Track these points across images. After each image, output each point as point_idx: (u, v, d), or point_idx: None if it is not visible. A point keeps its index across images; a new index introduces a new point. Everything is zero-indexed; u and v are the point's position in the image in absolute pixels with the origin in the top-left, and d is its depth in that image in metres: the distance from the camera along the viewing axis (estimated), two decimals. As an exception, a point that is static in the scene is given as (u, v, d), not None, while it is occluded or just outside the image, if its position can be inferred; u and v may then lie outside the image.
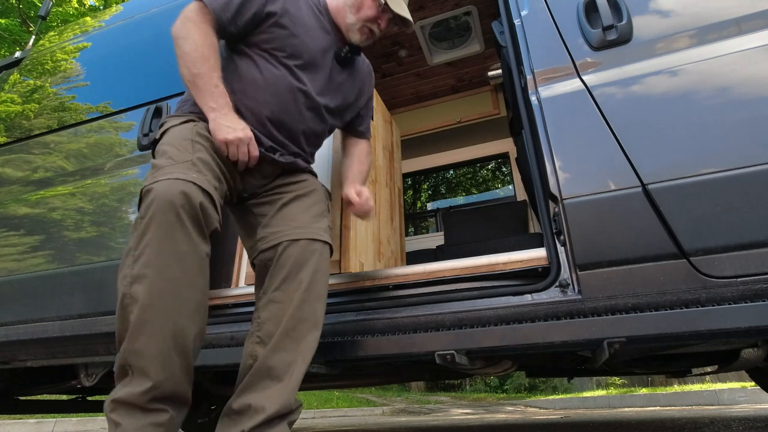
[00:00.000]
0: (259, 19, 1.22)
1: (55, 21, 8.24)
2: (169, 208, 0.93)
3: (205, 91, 1.11)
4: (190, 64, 1.12)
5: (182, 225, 0.93)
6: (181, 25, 1.15)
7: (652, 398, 5.13)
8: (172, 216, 0.93)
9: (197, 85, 1.12)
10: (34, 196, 1.82)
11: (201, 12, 1.16)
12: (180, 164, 1.03)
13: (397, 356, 1.19)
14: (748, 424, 2.05)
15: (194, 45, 1.12)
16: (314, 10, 1.31)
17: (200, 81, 1.11)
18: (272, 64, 1.22)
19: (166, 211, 0.93)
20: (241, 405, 0.99)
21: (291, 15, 1.24)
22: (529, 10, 1.36)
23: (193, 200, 0.96)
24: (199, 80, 1.11)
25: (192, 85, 1.13)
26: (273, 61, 1.22)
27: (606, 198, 1.08)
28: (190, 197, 0.95)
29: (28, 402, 2.06)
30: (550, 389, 9.17)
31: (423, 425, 3.10)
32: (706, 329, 0.96)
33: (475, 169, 4.75)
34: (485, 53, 3.12)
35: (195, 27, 1.14)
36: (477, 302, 1.16)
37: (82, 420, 3.54)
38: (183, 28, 1.15)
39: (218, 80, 1.13)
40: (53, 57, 2.36)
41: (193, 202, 0.95)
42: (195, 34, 1.13)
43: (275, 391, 0.99)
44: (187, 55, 1.12)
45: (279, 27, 1.23)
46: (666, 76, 1.14)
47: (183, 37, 1.14)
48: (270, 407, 0.97)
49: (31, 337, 1.51)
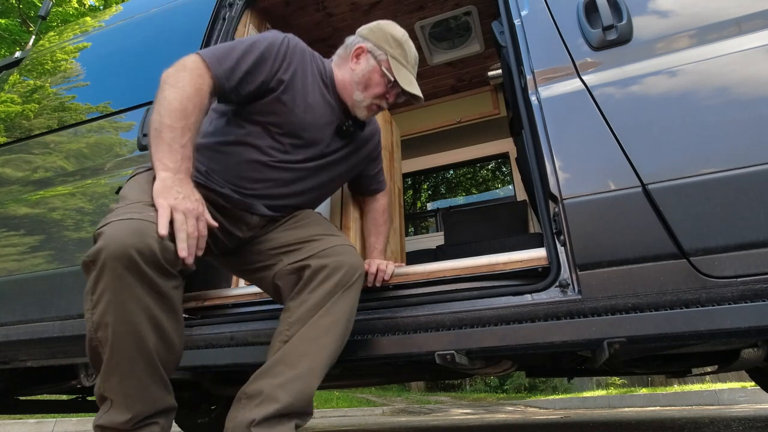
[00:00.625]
0: (264, 90, 1.12)
1: (55, 21, 8.24)
2: (120, 253, 0.83)
3: (168, 145, 0.94)
4: (166, 112, 0.96)
5: (136, 269, 0.84)
6: (174, 72, 1.02)
7: (652, 398, 5.13)
8: (124, 261, 0.83)
9: (162, 136, 0.95)
10: (34, 196, 1.82)
11: (200, 69, 1.03)
12: (135, 204, 0.93)
13: (397, 356, 1.19)
14: (748, 424, 2.05)
15: (179, 96, 0.98)
16: (320, 80, 1.24)
17: (168, 134, 0.95)
18: (263, 139, 1.15)
19: (117, 257, 0.83)
20: (254, 390, 0.99)
21: (295, 89, 1.16)
22: (529, 10, 1.36)
23: (148, 240, 0.85)
24: (167, 133, 0.95)
25: (156, 135, 0.95)
26: (265, 135, 1.15)
27: (606, 198, 1.08)
28: (144, 237, 0.85)
29: (28, 402, 2.06)
30: (550, 389, 9.16)
31: (423, 425, 3.10)
32: (706, 329, 0.96)
33: (475, 169, 4.75)
34: (485, 53, 3.11)
35: (189, 79, 1.01)
36: (477, 302, 1.16)
37: (82, 420, 3.54)
38: (175, 76, 1.01)
39: (189, 142, 0.97)
40: (53, 57, 2.36)
41: (148, 242, 0.85)
42: (186, 86, 0.99)
43: (288, 378, 0.98)
44: (167, 102, 0.97)
45: (280, 103, 1.14)
46: (666, 76, 1.14)
47: (171, 84, 0.99)
48: (283, 398, 0.96)
49: (31, 337, 1.51)
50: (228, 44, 1.12)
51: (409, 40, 1.29)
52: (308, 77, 1.20)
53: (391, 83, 1.24)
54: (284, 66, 1.14)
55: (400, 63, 1.24)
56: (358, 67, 1.25)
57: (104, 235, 0.85)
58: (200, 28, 1.90)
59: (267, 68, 1.12)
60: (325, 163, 1.26)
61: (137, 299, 0.86)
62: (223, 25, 1.93)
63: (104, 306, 0.85)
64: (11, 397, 1.94)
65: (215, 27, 1.92)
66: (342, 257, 1.12)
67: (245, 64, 1.08)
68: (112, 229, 0.86)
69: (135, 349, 0.88)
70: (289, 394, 0.97)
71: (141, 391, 0.90)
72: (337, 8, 2.59)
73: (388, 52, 1.24)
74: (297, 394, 0.98)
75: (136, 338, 0.87)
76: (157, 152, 0.95)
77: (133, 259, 0.84)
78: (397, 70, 1.23)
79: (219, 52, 1.08)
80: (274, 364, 1.01)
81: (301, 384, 0.99)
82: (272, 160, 1.16)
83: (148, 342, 0.89)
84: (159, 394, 0.93)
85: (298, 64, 1.17)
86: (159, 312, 0.90)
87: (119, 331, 0.86)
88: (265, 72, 1.11)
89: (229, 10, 1.98)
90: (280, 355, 1.02)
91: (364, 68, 1.24)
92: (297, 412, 0.99)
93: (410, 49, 1.29)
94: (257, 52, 1.10)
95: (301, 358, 1.01)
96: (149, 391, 0.91)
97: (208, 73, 1.03)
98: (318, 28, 2.74)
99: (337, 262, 1.10)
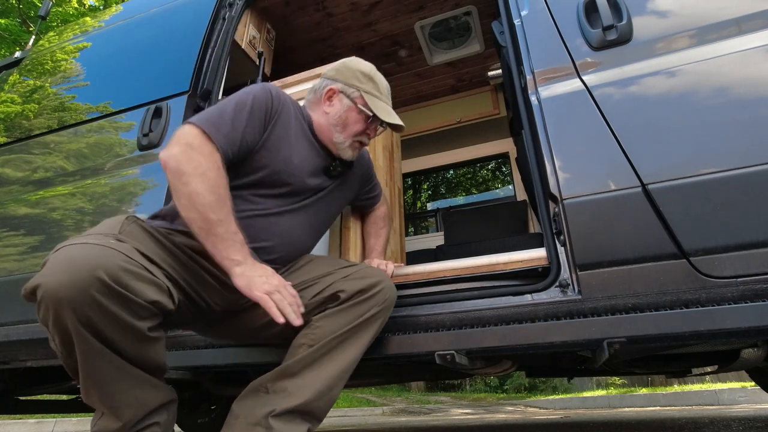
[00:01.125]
0: (257, 145, 1.10)
1: (55, 21, 8.24)
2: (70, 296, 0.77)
3: (226, 240, 0.94)
4: (206, 208, 0.93)
5: (99, 310, 0.78)
6: (185, 156, 0.95)
7: (652, 398, 5.13)
8: (77, 308, 0.77)
9: (215, 232, 0.94)
10: (34, 196, 1.82)
11: (207, 145, 0.99)
12: (96, 235, 0.87)
13: (397, 356, 1.19)
14: (748, 424, 2.05)
15: (209, 186, 0.94)
16: (303, 126, 1.22)
17: (220, 229, 0.94)
18: (255, 191, 1.12)
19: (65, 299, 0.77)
20: (278, 386, 0.99)
21: (284, 139, 1.14)
22: (529, 10, 1.36)
23: (111, 270, 0.79)
24: (218, 228, 0.94)
25: (207, 232, 0.94)
26: (258, 188, 1.12)
27: (606, 198, 1.08)
28: (106, 265, 0.79)
29: (28, 402, 2.06)
30: (550, 389, 9.16)
31: (423, 425, 3.10)
32: (706, 329, 0.96)
33: (475, 169, 4.75)
34: (485, 53, 3.11)
35: (207, 163, 0.96)
36: (477, 302, 1.16)
37: (82, 420, 3.54)
38: (190, 161, 0.95)
39: (237, 226, 0.97)
40: (53, 57, 2.36)
41: (112, 272, 0.79)
42: (208, 171, 0.95)
43: (311, 379, 1.00)
44: (200, 197, 0.93)
45: (270, 155, 1.11)
46: (666, 76, 1.14)
47: (190, 173, 0.94)
48: (306, 395, 0.97)
49: (31, 337, 1.51)
50: (217, 107, 1.08)
51: (378, 72, 1.28)
52: (293, 125, 1.18)
53: (370, 118, 1.22)
54: (274, 118, 1.13)
55: (374, 96, 1.23)
56: (332, 109, 1.22)
57: (49, 262, 0.83)
58: (200, 28, 1.90)
59: (258, 124, 1.10)
60: (315, 200, 1.23)
61: (102, 356, 0.84)
62: (223, 25, 1.94)
63: (69, 356, 0.85)
64: (11, 397, 1.94)
65: (215, 27, 1.92)
66: (376, 278, 1.11)
67: (240, 124, 1.06)
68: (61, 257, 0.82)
69: (107, 366, 0.85)
70: (312, 393, 0.98)
71: (126, 399, 0.88)
72: (337, 8, 2.59)
73: (359, 88, 1.22)
74: (321, 396, 0.99)
75: (113, 380, 0.86)
76: (219, 250, 0.94)
77: (95, 300, 0.80)
78: (373, 104, 1.21)
79: (213, 118, 1.03)
80: (302, 366, 1.01)
81: (327, 387, 1.00)
82: (265, 210, 1.13)
83: (118, 356, 0.86)
84: (147, 395, 0.92)
85: (284, 113, 1.16)
86: (135, 352, 0.88)
87: (93, 378, 0.85)
88: (258, 127, 1.10)
89: (229, 10, 1.98)
90: (304, 357, 1.02)
91: (339, 109, 1.22)
92: (315, 413, 1.00)
93: (381, 80, 1.27)
94: (247, 109, 1.08)
95: (329, 362, 1.02)
96: (134, 395, 0.89)
97: (214, 146, 0.99)
98: (318, 28, 2.74)
99: (373, 281, 1.10)
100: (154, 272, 0.88)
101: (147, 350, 0.89)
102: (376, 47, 3.01)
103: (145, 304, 0.84)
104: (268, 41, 2.42)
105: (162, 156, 0.97)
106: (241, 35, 2.13)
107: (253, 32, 2.25)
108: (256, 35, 2.29)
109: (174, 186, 0.95)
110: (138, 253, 0.88)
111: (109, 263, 0.80)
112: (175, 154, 0.96)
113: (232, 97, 1.10)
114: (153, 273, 0.88)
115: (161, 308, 0.88)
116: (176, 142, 0.98)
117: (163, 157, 0.96)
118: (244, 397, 1.01)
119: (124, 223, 0.97)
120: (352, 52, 2.92)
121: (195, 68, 1.78)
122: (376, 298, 1.08)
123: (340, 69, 1.26)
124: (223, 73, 1.84)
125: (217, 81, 1.80)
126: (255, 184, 1.11)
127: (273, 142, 1.12)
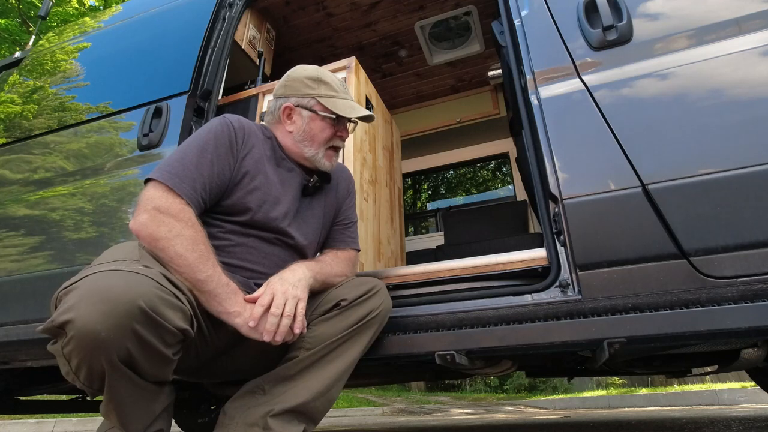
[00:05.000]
0: (229, 184, 1.07)
1: (55, 21, 8.24)
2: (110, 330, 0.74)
3: (219, 294, 0.93)
4: (191, 269, 0.91)
5: (137, 340, 0.76)
6: (154, 222, 0.92)
7: (652, 398, 5.12)
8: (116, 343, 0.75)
9: (207, 291, 0.92)
10: (34, 196, 1.82)
11: (175, 202, 0.95)
12: (123, 262, 0.85)
13: (397, 356, 1.19)
14: (748, 424, 2.05)
15: (187, 244, 0.92)
16: (274, 148, 1.19)
17: (210, 285, 0.92)
18: (242, 234, 1.09)
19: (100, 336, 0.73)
20: (277, 390, 1.00)
21: (256, 170, 1.11)
22: (529, 10, 1.36)
23: (149, 298, 0.77)
24: (208, 285, 0.92)
25: (198, 292, 0.93)
26: (239, 223, 1.09)
27: (606, 198, 1.08)
28: (145, 294, 0.77)
29: (28, 402, 2.06)
30: (550, 389, 9.16)
31: (423, 425, 3.10)
32: (707, 329, 0.96)
33: (475, 169, 4.75)
34: (485, 53, 3.11)
35: (176, 220, 0.93)
36: (477, 302, 1.16)
37: (82, 420, 3.54)
38: (161, 226, 0.92)
39: (225, 275, 0.95)
40: (53, 57, 2.36)
41: (150, 300, 0.77)
42: (183, 231, 0.93)
43: (310, 380, 1.01)
44: (181, 258, 0.90)
45: (246, 191, 1.09)
46: (666, 76, 1.14)
47: (164, 237, 0.91)
48: (301, 396, 0.99)
49: (31, 337, 1.51)
50: (178, 154, 1.03)
51: (325, 72, 1.24)
52: (265, 152, 1.16)
53: (335, 119, 1.20)
54: (242, 150, 1.10)
55: (330, 97, 1.20)
56: (295, 126, 1.20)
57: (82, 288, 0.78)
58: (200, 28, 1.90)
59: (226, 160, 1.06)
60: (300, 221, 1.21)
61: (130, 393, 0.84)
62: (223, 25, 1.94)
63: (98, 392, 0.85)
64: (11, 397, 1.94)
65: (215, 27, 1.92)
66: (371, 284, 1.14)
67: (205, 167, 1.02)
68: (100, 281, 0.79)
69: (130, 387, 0.83)
70: (311, 394, 0.99)
71: (138, 413, 0.87)
72: (337, 8, 2.59)
73: (313, 95, 1.19)
74: (318, 397, 1.00)
75: (129, 381, 0.83)
76: (215, 306, 0.93)
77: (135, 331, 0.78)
78: (333, 105, 1.18)
79: (176, 169, 0.98)
80: (300, 368, 1.02)
81: (325, 388, 1.02)
82: (256, 240, 1.11)
83: (141, 378, 0.84)
84: (156, 404, 0.90)
85: (250, 141, 1.13)
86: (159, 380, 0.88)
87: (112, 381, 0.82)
88: (226, 163, 1.06)
89: (229, 10, 1.98)
90: (301, 360, 1.03)
91: (301, 125, 1.19)
92: (313, 414, 1.01)
93: (331, 78, 1.23)
94: (210, 149, 1.04)
95: (327, 364, 1.03)
96: (145, 406, 0.88)
97: (182, 201, 0.96)
98: (318, 28, 2.74)
99: (370, 287, 1.12)
100: (181, 299, 0.86)
101: (166, 371, 0.88)
102: (376, 47, 3.01)
103: (176, 332, 0.82)
104: (268, 41, 2.43)
105: (132, 226, 0.94)
106: (241, 35, 2.13)
107: (253, 32, 2.25)
108: (256, 35, 2.29)
109: (152, 252, 0.92)
110: (165, 279, 0.85)
111: (146, 291, 0.78)
112: (144, 222, 0.92)
113: (191, 139, 1.06)
114: (180, 299, 0.86)
115: (187, 336, 0.87)
116: (143, 208, 0.94)
117: (133, 228, 0.93)
118: (238, 399, 1.01)
119: (139, 247, 0.94)
120: (352, 52, 2.93)
121: (195, 68, 1.79)
122: (373, 301, 1.10)
123: (287, 84, 1.23)
124: (223, 73, 1.84)
125: (217, 81, 1.80)
126: (241, 224, 1.09)
127: (248, 181, 1.09)
